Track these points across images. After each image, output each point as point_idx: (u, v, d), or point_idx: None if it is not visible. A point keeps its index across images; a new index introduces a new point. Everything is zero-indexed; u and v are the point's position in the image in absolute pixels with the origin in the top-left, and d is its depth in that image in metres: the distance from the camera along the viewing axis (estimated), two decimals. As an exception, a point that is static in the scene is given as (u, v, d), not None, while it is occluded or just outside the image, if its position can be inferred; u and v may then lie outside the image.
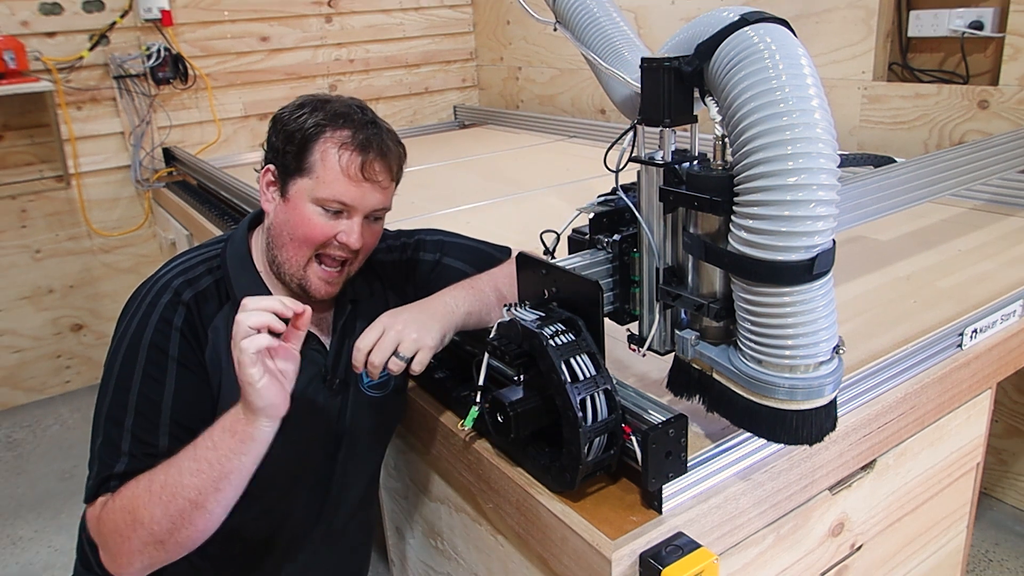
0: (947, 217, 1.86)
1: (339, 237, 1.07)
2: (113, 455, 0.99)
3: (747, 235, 0.82)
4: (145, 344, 1.03)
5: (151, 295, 1.07)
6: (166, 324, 1.04)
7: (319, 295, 1.11)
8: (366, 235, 1.10)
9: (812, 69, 0.81)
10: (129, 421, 0.99)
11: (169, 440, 1.00)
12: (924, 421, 1.22)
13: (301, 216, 1.07)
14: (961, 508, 1.42)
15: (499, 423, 0.97)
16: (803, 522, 1.09)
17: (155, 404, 1.01)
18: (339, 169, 1.05)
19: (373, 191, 1.07)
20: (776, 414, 0.88)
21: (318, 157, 1.06)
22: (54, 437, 2.97)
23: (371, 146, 1.06)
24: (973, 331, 1.28)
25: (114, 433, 1.00)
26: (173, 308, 1.05)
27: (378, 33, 3.67)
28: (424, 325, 1.05)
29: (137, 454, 0.98)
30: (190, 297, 1.07)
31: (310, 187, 1.06)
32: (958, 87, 2.12)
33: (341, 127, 1.06)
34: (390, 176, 1.10)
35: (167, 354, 1.03)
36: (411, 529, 1.47)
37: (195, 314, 1.07)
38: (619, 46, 1.21)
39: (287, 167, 1.08)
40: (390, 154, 1.09)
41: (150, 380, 1.01)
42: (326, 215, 1.07)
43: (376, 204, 1.09)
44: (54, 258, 3.17)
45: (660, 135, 0.94)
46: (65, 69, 2.99)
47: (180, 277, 1.09)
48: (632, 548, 0.87)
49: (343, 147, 1.05)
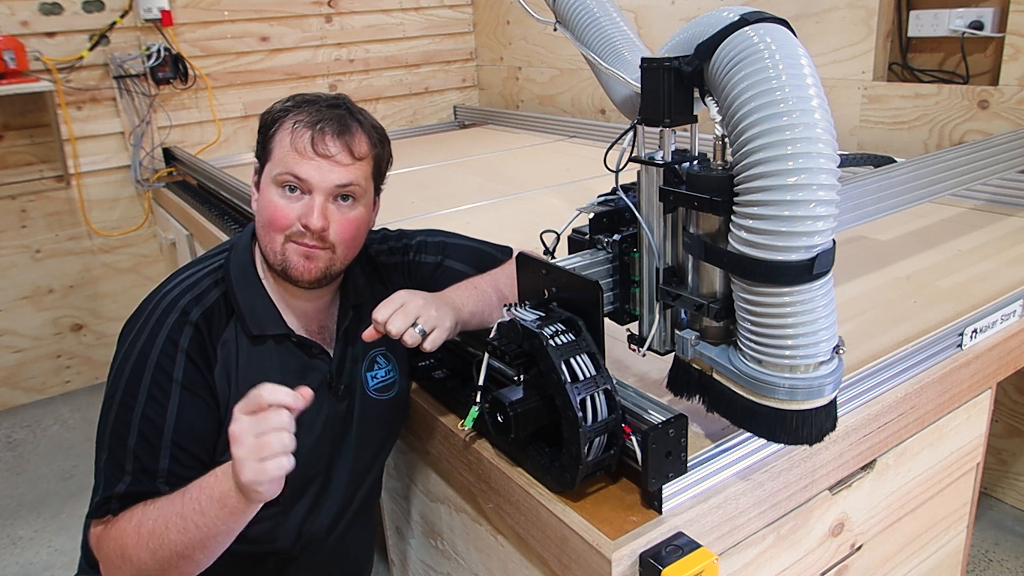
0: (947, 217, 1.86)
1: (301, 219, 1.05)
2: (117, 474, 0.99)
3: (747, 235, 0.82)
4: (151, 365, 1.02)
5: (158, 312, 1.06)
6: (172, 346, 1.04)
7: (300, 275, 1.07)
8: (336, 220, 1.07)
9: (812, 69, 0.81)
10: (132, 440, 1.00)
11: (170, 462, 1.00)
12: (924, 421, 1.22)
13: (267, 201, 1.07)
14: (961, 508, 1.42)
15: (499, 423, 0.97)
16: (803, 522, 1.09)
17: (157, 427, 1.01)
18: (289, 144, 1.05)
19: (331, 168, 1.05)
20: (776, 414, 0.88)
21: (277, 140, 1.07)
22: (54, 437, 2.96)
23: (324, 121, 1.05)
24: (973, 331, 1.28)
25: (118, 451, 1.00)
26: (180, 329, 1.05)
27: (378, 33, 3.67)
28: (440, 309, 1.06)
29: (139, 475, 0.99)
30: (198, 316, 1.06)
31: (270, 170, 1.07)
32: (958, 87, 2.12)
33: (302, 110, 1.07)
34: (349, 153, 1.06)
35: (172, 377, 1.03)
36: (411, 529, 1.47)
37: (204, 334, 1.06)
38: (619, 46, 1.21)
39: (259, 158, 1.11)
40: (349, 132, 1.07)
41: (153, 401, 1.01)
42: (286, 196, 1.06)
43: (336, 181, 1.05)
44: (54, 258, 3.17)
45: (660, 135, 0.94)
46: (65, 69, 2.98)
47: (187, 295, 1.08)
48: (632, 548, 0.87)
49: (296, 124, 1.06)
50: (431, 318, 1.03)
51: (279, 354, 1.12)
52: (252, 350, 1.10)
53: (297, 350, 1.13)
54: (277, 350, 1.12)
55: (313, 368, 1.14)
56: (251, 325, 1.09)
